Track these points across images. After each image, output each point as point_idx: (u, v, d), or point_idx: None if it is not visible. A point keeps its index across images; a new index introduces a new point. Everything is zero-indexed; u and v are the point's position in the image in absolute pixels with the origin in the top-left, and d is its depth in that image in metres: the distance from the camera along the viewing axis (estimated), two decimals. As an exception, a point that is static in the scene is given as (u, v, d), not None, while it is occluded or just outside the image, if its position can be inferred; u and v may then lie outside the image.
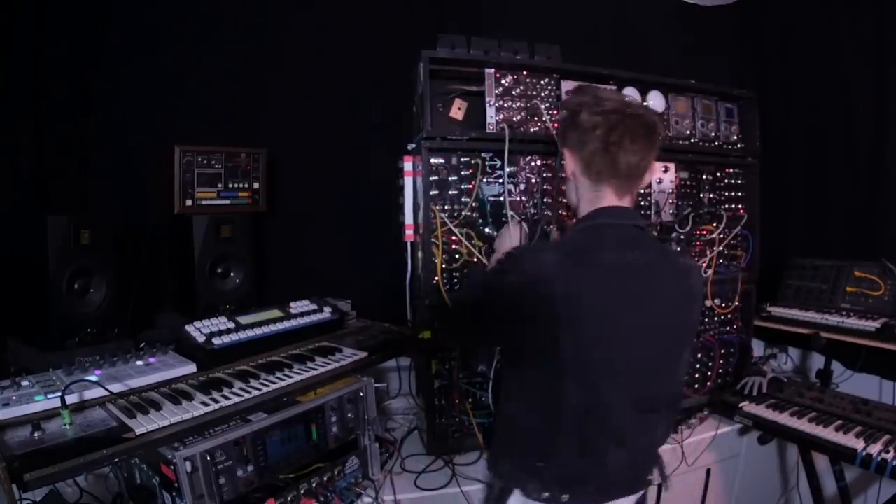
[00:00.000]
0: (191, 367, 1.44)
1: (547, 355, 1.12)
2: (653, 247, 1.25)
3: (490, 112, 1.86)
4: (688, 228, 2.10)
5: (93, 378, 1.28)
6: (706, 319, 2.17)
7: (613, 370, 1.13)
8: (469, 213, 1.84)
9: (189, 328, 1.54)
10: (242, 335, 1.58)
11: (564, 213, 1.85)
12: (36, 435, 1.10)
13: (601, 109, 1.17)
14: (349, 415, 1.62)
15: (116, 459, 1.11)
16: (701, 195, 2.18)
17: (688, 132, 2.15)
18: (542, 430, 1.18)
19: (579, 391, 1.11)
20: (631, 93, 2.03)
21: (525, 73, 1.89)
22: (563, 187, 1.38)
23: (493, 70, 1.85)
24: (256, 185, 1.96)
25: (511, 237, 1.65)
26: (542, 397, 1.17)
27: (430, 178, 1.80)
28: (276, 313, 1.73)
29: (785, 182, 2.60)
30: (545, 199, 1.90)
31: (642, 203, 2.05)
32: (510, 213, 1.82)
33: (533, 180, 1.90)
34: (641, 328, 1.13)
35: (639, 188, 1.25)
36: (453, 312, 1.38)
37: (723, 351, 2.20)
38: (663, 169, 2.08)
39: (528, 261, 1.17)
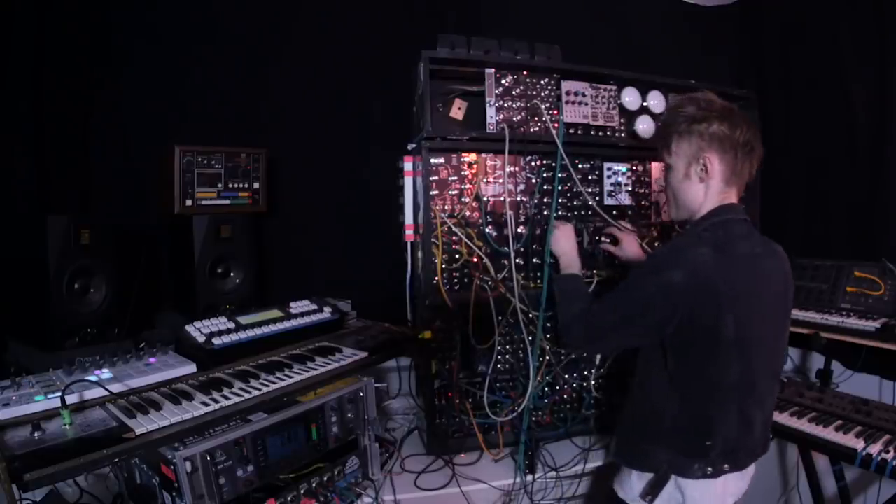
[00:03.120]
0: (191, 367, 1.44)
1: (712, 338, 1.28)
2: (760, 237, 1.45)
3: (490, 112, 1.86)
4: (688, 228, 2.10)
5: (93, 378, 1.28)
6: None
7: (761, 344, 1.34)
8: (469, 213, 1.84)
9: (189, 328, 1.54)
10: (242, 335, 1.58)
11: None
12: (36, 435, 1.10)
13: (745, 121, 1.39)
14: (349, 415, 1.61)
15: (116, 459, 1.11)
16: (701, 195, 2.18)
17: (688, 132, 2.15)
18: (705, 412, 1.34)
19: (738, 367, 1.30)
20: (631, 93, 2.03)
21: (525, 73, 1.89)
22: (664, 188, 1.56)
23: (493, 70, 1.85)
24: (256, 185, 1.96)
25: (568, 237, 1.77)
26: (703, 380, 1.33)
27: (430, 178, 1.80)
28: (276, 313, 1.73)
29: (785, 182, 2.60)
30: (546, 200, 1.91)
31: (643, 203, 2.06)
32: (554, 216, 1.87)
33: (533, 180, 1.90)
34: (770, 305, 1.37)
35: None
36: (601, 324, 1.47)
37: (723, 351, 2.20)
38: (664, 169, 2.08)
39: (689, 257, 1.31)
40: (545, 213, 1.90)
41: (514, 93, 1.88)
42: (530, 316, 1.81)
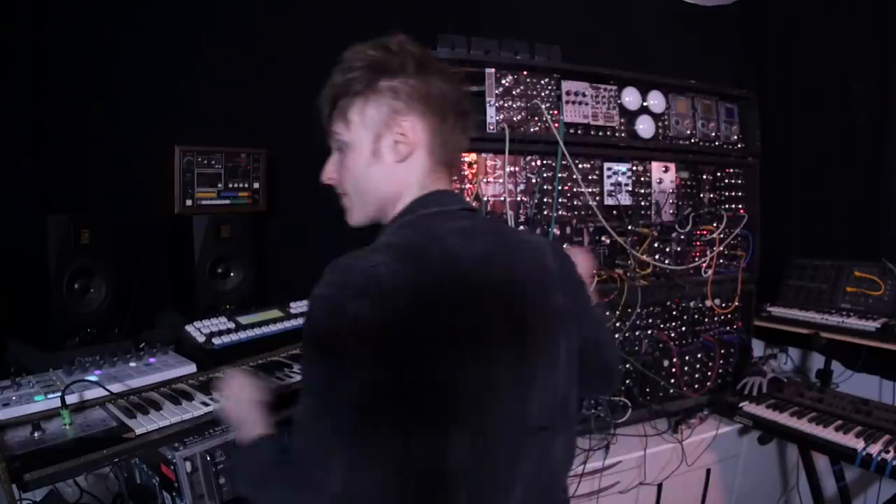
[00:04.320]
0: (191, 367, 1.44)
1: (399, 402, 0.76)
2: (494, 231, 0.96)
3: (490, 112, 1.85)
4: (688, 228, 2.10)
5: (93, 378, 1.28)
6: (706, 320, 2.17)
7: (496, 396, 0.82)
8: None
9: (189, 328, 1.55)
10: (243, 335, 1.58)
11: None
12: (36, 435, 1.10)
13: (451, 71, 0.95)
14: (349, 415, 1.61)
15: (116, 459, 1.12)
16: (701, 195, 2.18)
17: (688, 132, 2.15)
18: None
19: (463, 441, 0.78)
20: (631, 93, 2.03)
21: (525, 73, 1.89)
22: (336, 178, 1.10)
23: (493, 70, 1.85)
24: (256, 185, 1.96)
25: (245, 394, 1.04)
26: (413, 464, 0.78)
27: (431, 178, 1.79)
28: (276, 313, 1.73)
29: (785, 182, 2.60)
30: (546, 200, 1.91)
31: (643, 203, 2.06)
32: None
33: (533, 180, 1.90)
34: (509, 333, 0.84)
35: None
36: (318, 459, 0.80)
37: (723, 351, 2.20)
38: (663, 169, 2.09)
39: (357, 274, 0.81)
40: (546, 212, 1.90)
41: (514, 93, 1.88)
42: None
